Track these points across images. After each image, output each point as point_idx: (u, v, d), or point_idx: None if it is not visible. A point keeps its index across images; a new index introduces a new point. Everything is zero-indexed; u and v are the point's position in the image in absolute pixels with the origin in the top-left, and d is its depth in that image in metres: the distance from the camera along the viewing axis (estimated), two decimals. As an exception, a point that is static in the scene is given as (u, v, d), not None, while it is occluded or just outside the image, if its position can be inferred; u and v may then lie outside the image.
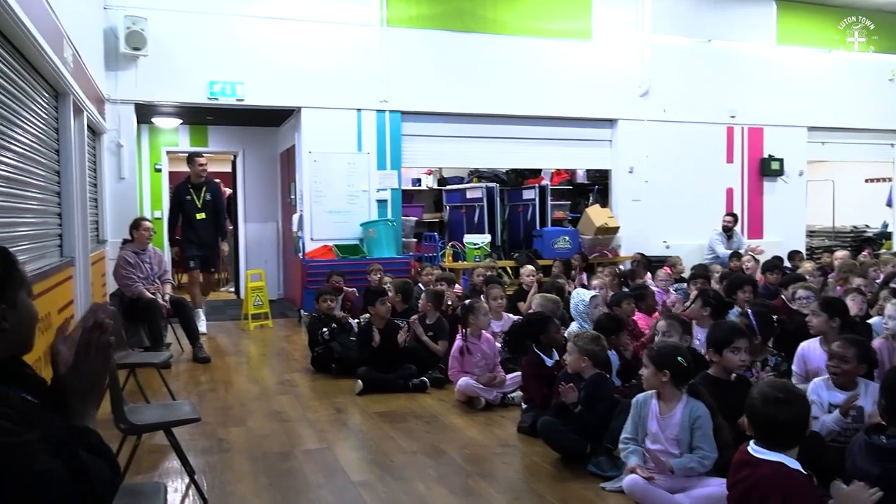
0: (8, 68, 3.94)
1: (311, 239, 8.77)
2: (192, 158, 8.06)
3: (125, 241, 6.91)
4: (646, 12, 9.97)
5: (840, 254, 8.38)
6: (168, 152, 10.78)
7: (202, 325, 7.78)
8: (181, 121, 10.20)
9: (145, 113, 9.03)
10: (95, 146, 7.49)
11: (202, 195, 7.93)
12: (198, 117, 9.98)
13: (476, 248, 9.06)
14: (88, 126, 6.62)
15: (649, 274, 7.84)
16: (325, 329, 6.22)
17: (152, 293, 6.56)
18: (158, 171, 10.67)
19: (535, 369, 4.66)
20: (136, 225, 6.78)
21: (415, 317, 5.98)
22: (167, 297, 6.71)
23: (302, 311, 8.55)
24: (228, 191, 11.53)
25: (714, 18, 10.46)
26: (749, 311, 4.34)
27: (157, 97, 8.23)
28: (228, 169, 11.82)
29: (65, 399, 1.57)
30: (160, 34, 7.92)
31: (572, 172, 11.41)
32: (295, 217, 9.12)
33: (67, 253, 5.34)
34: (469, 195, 10.46)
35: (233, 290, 11.35)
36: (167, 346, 6.66)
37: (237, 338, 7.90)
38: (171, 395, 5.10)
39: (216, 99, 8.30)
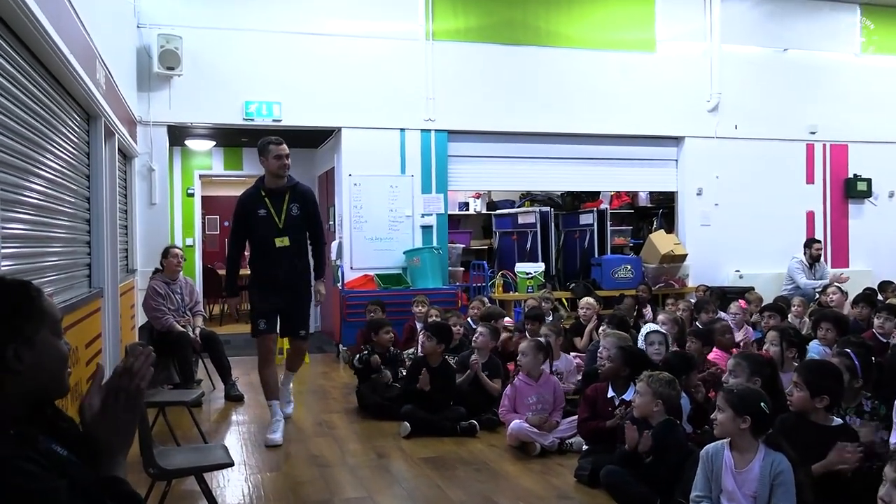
0: (39, 90, 4.09)
1: (351, 268, 8.84)
2: (266, 146, 5.35)
3: (156, 271, 7.06)
4: (714, 20, 9.89)
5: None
6: (201, 176, 11.04)
7: (289, 408, 5.85)
8: (215, 143, 10.45)
9: (178, 135, 9.27)
10: (126, 170, 7.70)
11: (285, 208, 5.35)
12: (232, 139, 10.21)
13: (529, 278, 9.00)
14: (119, 149, 6.82)
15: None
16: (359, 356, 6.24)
17: (183, 326, 6.67)
18: (191, 195, 10.93)
19: (596, 396, 4.67)
20: (165, 253, 6.93)
21: (475, 358, 5.88)
22: (198, 331, 6.81)
23: (340, 346, 8.58)
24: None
25: (790, 26, 10.32)
26: (850, 351, 4.19)
27: (191, 119, 8.44)
28: (264, 193, 12.01)
29: (93, 447, 1.59)
30: (195, 53, 8.14)
31: (634, 195, 11.29)
32: (333, 244, 9.21)
33: (96, 283, 5.48)
34: (521, 220, 10.43)
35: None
36: (198, 382, 6.75)
37: (272, 374, 7.94)
38: (202, 437, 5.14)
39: (252, 120, 8.48)
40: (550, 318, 7.56)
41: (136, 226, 8.00)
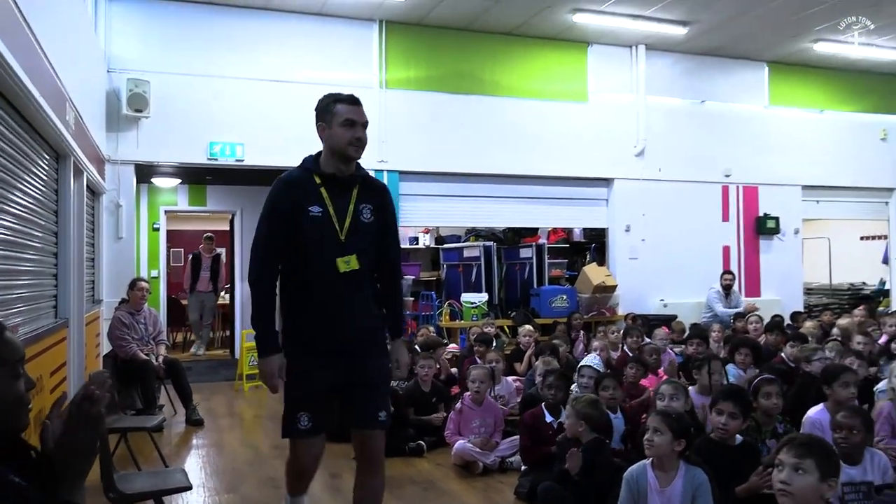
0: (10, 132, 3.99)
1: (308, 298, 8.73)
2: (330, 106, 3.03)
3: (122, 301, 6.89)
4: (640, 74, 10.18)
5: (843, 321, 8.30)
6: (167, 212, 10.86)
7: None
8: (180, 181, 10.29)
9: (145, 173, 9.11)
10: (94, 206, 7.53)
11: (352, 209, 3.06)
12: (197, 177, 10.08)
13: (473, 307, 9.04)
14: (88, 187, 6.68)
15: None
16: None
17: (146, 354, 6.51)
18: (156, 230, 10.73)
19: (535, 423, 4.64)
20: (132, 285, 6.78)
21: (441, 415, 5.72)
22: (161, 358, 6.66)
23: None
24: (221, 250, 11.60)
25: (707, 80, 10.67)
26: (770, 376, 4.32)
27: (157, 158, 8.31)
28: (226, 228, 11.87)
29: (53, 470, 1.54)
30: (162, 96, 8.04)
31: (569, 231, 11.47)
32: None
33: (62, 314, 5.32)
34: (466, 254, 10.49)
35: (201, 352, 11.05)
36: (160, 408, 6.57)
37: (231, 399, 7.80)
38: (162, 461, 5.00)
39: (216, 159, 8.38)
40: (494, 344, 7.59)
41: (103, 258, 7.81)
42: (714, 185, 10.70)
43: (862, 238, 13.45)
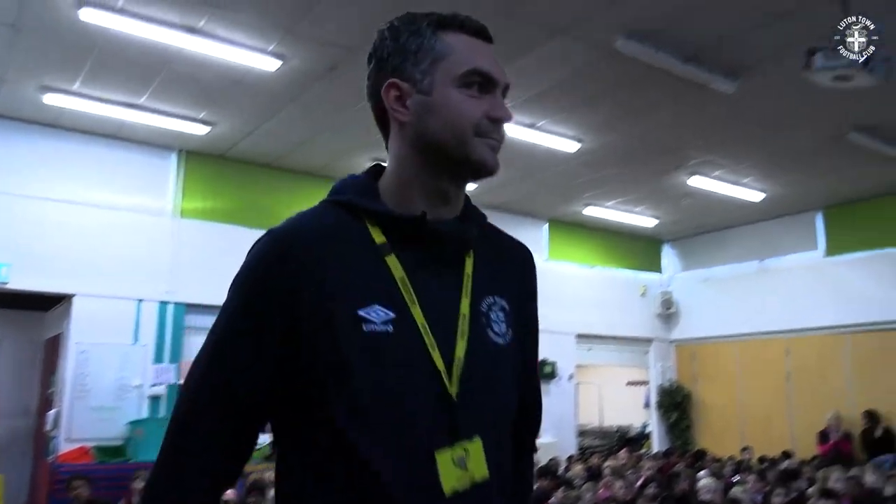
0: None
1: (68, 439, 7.83)
2: (435, 31, 1.27)
3: None
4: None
5: (609, 463, 8.89)
6: None
7: None
8: (-73, 300, 9.08)
9: None
10: None
11: (467, 302, 1.25)
12: (-52, 297, 8.95)
13: (256, 449, 8.56)
14: None
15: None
16: None
17: None
18: None
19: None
20: None
21: None
22: None
23: (45, 525, 7.43)
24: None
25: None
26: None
27: None
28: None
29: None
30: (-86, 208, 7.21)
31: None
32: (50, 413, 8.18)
33: None
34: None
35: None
36: None
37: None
38: None
39: (-26, 280, 7.54)
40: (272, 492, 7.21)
41: None
42: (499, 331, 11.25)
43: (628, 383, 14.74)
